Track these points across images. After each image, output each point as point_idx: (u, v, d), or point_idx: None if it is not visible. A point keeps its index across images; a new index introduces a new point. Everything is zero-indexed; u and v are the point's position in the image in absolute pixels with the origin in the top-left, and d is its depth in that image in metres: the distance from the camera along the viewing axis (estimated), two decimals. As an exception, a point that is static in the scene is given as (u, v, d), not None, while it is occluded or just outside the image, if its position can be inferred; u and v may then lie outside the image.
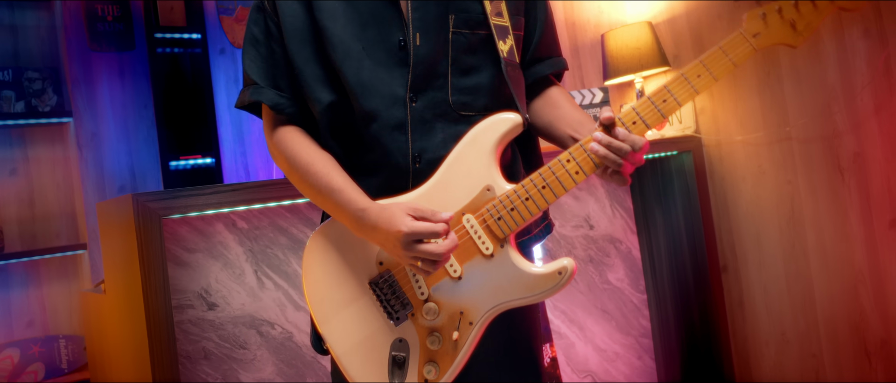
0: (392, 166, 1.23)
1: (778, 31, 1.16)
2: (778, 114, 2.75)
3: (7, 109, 3.07)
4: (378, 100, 1.21)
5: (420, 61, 1.21)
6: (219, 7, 3.54)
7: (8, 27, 3.16)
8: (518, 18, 1.28)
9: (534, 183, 1.18)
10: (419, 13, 1.21)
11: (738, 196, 2.92)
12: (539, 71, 1.34)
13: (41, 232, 3.14)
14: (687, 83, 1.16)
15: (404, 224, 1.12)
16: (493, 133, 1.19)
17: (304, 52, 1.25)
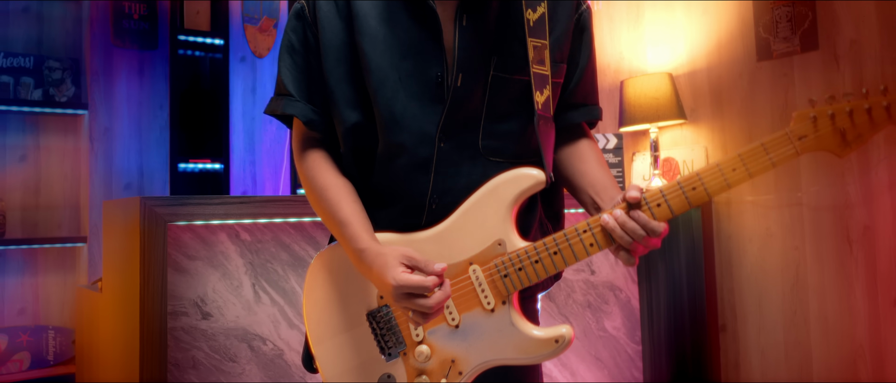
0: (408, 201, 1.20)
1: (827, 138, 1.09)
2: (791, 178, 2.74)
3: (24, 96, 3.08)
4: (407, 135, 1.17)
5: (457, 101, 1.17)
6: (244, 15, 3.57)
7: (35, 15, 3.18)
8: (560, 66, 1.23)
9: (546, 246, 1.14)
10: (465, 53, 1.16)
11: (743, 256, 2.90)
12: (572, 118, 1.28)
13: (43, 221, 3.13)
14: (721, 175, 1.10)
15: (394, 276, 1.08)
16: (515, 187, 1.16)
17: (338, 71, 1.21)
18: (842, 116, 1.08)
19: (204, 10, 3.55)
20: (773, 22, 2.78)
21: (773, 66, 2.80)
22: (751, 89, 2.87)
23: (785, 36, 2.75)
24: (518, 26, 1.18)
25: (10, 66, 3.09)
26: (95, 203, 3.11)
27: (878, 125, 1.08)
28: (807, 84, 2.69)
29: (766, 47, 2.81)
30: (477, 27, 1.17)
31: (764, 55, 2.82)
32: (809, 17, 2.67)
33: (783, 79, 2.76)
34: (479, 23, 1.17)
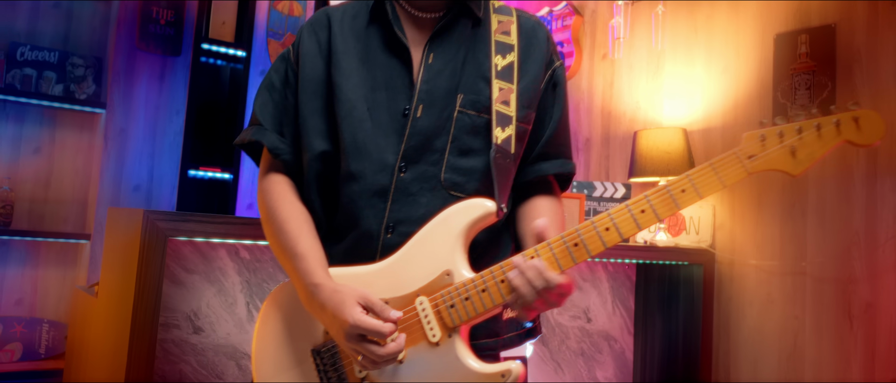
0: (362, 231, 1.20)
1: (776, 157, 1.08)
2: (797, 246, 2.72)
3: (45, 90, 3.12)
4: (366, 163, 1.20)
5: (416, 132, 1.20)
6: (269, 30, 3.61)
7: (64, 11, 3.23)
8: (528, 112, 1.25)
9: (493, 274, 1.12)
10: (428, 86, 1.21)
11: (742, 319, 2.87)
12: (544, 169, 1.29)
13: (50, 215, 3.16)
14: (669, 196, 1.08)
15: (351, 315, 1.07)
16: (465, 218, 1.15)
17: (312, 104, 1.25)
18: (790, 133, 1.08)
19: (230, 21, 3.59)
20: (791, 88, 2.78)
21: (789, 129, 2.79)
22: (763, 153, 2.86)
23: (802, 103, 2.74)
24: (485, 69, 1.23)
25: (34, 58, 3.14)
26: (103, 202, 3.13)
27: (827, 141, 1.06)
28: (820, 154, 2.68)
29: (782, 112, 2.81)
30: (444, 66, 1.22)
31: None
32: (828, 87, 2.67)
33: (797, 146, 2.75)
34: (446, 62, 1.23)
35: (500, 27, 1.27)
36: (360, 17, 1.29)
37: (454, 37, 1.25)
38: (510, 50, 1.25)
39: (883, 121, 1.05)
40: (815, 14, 2.75)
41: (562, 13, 3.89)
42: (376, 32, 1.27)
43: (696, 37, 3.17)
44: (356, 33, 1.27)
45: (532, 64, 1.27)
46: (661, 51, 3.26)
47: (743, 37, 2.98)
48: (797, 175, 1.08)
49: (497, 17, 1.29)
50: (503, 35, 1.27)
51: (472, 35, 1.26)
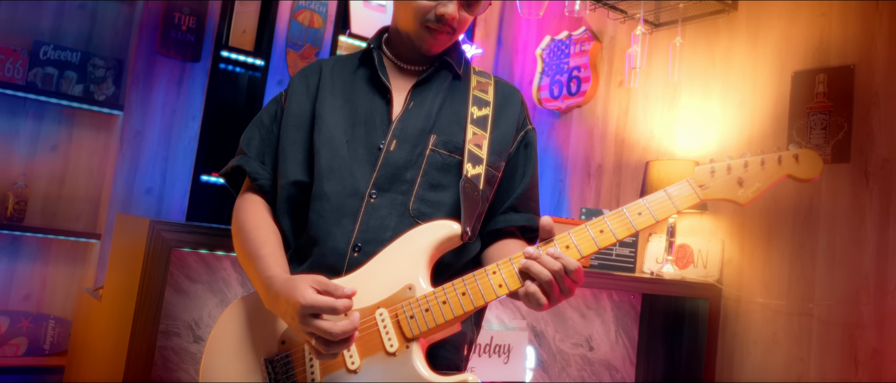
0: (329, 250, 1.23)
1: (723, 187, 1.17)
2: (805, 287, 2.69)
3: (65, 89, 3.17)
4: (338, 186, 1.26)
5: (388, 163, 1.27)
6: (288, 41, 3.65)
7: (89, 12, 3.28)
8: (499, 160, 1.32)
9: (455, 287, 1.16)
10: (403, 124, 1.30)
11: (746, 357, 2.84)
12: (514, 220, 1.36)
13: (62, 213, 3.19)
14: (627, 218, 1.15)
15: (303, 294, 1.07)
16: (429, 236, 1.19)
17: (293, 136, 1.33)
18: (737, 167, 1.18)
19: (250, 30, 3.63)
20: (807, 126, 2.77)
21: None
22: (775, 191, 2.84)
23: (817, 143, 2.72)
24: (461, 116, 1.33)
25: (57, 58, 3.18)
26: (115, 203, 3.16)
27: (770, 174, 1.16)
28: (833, 195, 2.66)
29: (796, 151, 2.79)
30: (421, 110, 1.32)
31: (793, 159, 2.79)
32: (845, 128, 2.65)
33: (810, 186, 2.73)
34: (424, 106, 1.32)
35: (478, 85, 1.38)
36: (349, 66, 1.40)
37: (434, 86, 1.35)
38: (486, 104, 1.35)
39: (821, 160, 1.17)
40: (835, 54, 2.73)
41: (580, 38, 3.89)
42: (362, 75, 1.37)
43: (714, 70, 3.16)
44: (344, 76, 1.38)
45: (505, 120, 1.36)
46: (678, 82, 3.25)
47: (761, 73, 2.97)
48: (744, 205, 1.17)
49: (476, 77, 1.40)
50: (481, 92, 1.37)
51: (452, 86, 1.37)
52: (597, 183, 3.67)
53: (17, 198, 3.01)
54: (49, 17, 3.20)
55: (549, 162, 4.05)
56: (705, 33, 3.21)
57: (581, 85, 3.84)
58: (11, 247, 3.07)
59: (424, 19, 1.29)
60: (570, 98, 3.89)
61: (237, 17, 3.59)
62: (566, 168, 3.90)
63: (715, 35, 3.18)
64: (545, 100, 4.08)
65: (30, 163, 3.13)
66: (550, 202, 3.99)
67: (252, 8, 3.64)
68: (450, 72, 1.38)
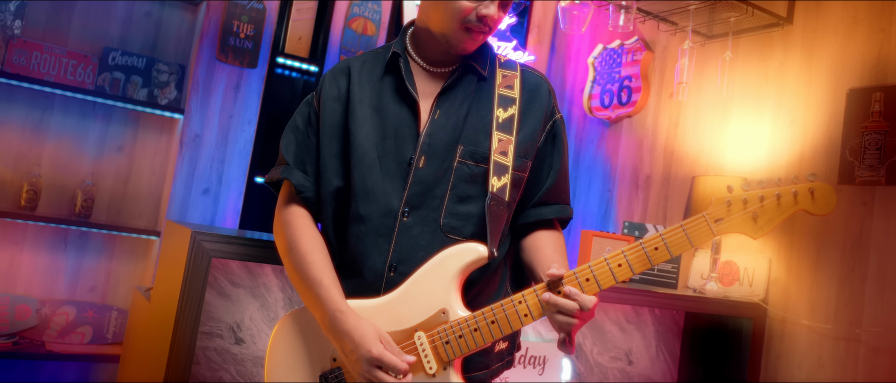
0: (368, 269, 1.31)
1: (739, 222, 1.18)
2: (852, 311, 2.61)
3: (132, 93, 3.34)
4: (373, 207, 1.31)
5: (418, 181, 1.31)
6: (342, 48, 3.74)
7: (155, 20, 3.45)
8: (525, 161, 1.35)
9: (484, 316, 1.23)
10: (430, 139, 1.32)
11: (790, 380, 2.78)
12: (545, 213, 1.40)
13: (126, 210, 3.38)
14: (643, 253, 1.19)
15: (376, 347, 1.19)
16: (459, 261, 1.26)
17: (331, 147, 1.38)
18: (753, 201, 1.18)
19: (306, 37, 3.75)
20: (860, 147, 2.68)
21: (853, 192, 2.69)
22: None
23: (871, 164, 2.64)
24: (487, 121, 1.34)
25: (124, 63, 3.36)
26: (175, 202, 3.32)
27: (785, 209, 1.18)
28: (886, 217, 2.57)
29: (849, 171, 2.71)
30: (447, 120, 1.34)
31: (846, 179, 2.71)
32: (899, 149, 2.56)
33: (862, 207, 2.65)
34: (450, 116, 1.34)
35: (504, 81, 1.39)
36: (376, 68, 1.41)
37: (460, 92, 1.37)
38: (512, 103, 1.36)
39: (835, 195, 1.18)
40: (892, 72, 2.64)
41: (632, 47, 3.86)
42: (390, 83, 1.38)
43: (766, 85, 3.09)
44: (372, 83, 1.39)
45: (532, 117, 1.38)
46: (729, 96, 3.19)
47: (814, 89, 2.89)
48: (756, 238, 1.19)
49: (502, 72, 1.40)
50: (506, 88, 1.38)
51: (477, 89, 1.38)
52: (645, 194, 3.63)
53: (85, 196, 3.20)
54: (117, 25, 3.38)
55: (599, 172, 4.02)
56: (759, 47, 3.14)
57: (632, 95, 3.80)
58: (79, 241, 3.27)
59: (464, 21, 1.29)
60: (620, 107, 3.86)
61: (293, 25, 3.70)
62: (614, 178, 3.87)
63: (769, 49, 3.10)
64: (595, 109, 4.05)
65: (97, 163, 3.32)
66: (598, 212, 3.97)
67: (307, 15, 3.75)
68: (475, 74, 1.39)
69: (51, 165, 3.23)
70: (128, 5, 3.40)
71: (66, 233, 3.24)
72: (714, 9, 2.98)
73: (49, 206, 3.22)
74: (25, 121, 3.19)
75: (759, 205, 1.18)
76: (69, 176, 3.26)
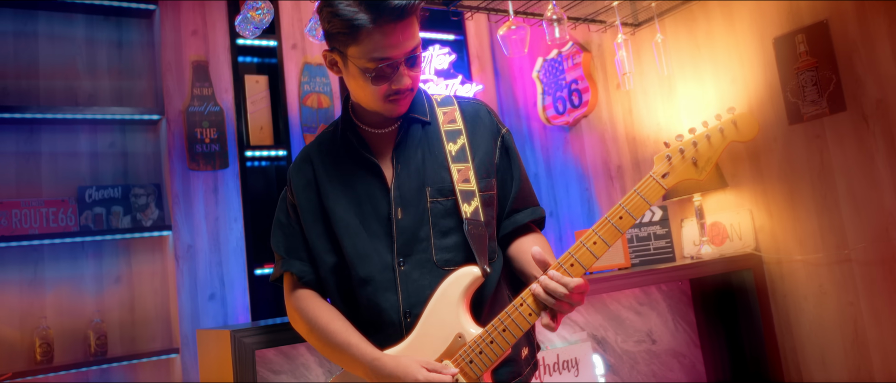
0: (387, 323, 1.42)
1: (683, 170, 1.31)
2: (837, 236, 2.80)
3: (116, 224, 3.42)
4: (371, 267, 1.42)
5: (402, 231, 1.42)
6: (303, 125, 3.88)
7: (119, 150, 3.55)
8: (489, 180, 1.47)
9: (495, 327, 1.34)
10: (399, 191, 1.44)
11: (800, 315, 2.94)
12: (519, 220, 1.52)
13: (140, 336, 3.43)
14: (611, 225, 1.31)
15: (421, 373, 1.30)
16: (458, 286, 1.37)
17: (315, 229, 1.50)
18: (689, 148, 1.32)
19: (266, 126, 3.88)
20: (799, 86, 2.90)
21: (805, 129, 2.90)
22: (786, 152, 2.97)
23: (813, 99, 2.85)
24: (442, 158, 1.46)
25: (102, 197, 3.45)
26: (185, 315, 3.39)
27: (717, 146, 1.31)
28: (840, 143, 2.78)
29: (796, 111, 2.92)
30: (409, 169, 1.46)
31: (795, 118, 2.93)
32: (834, 80, 2.78)
33: (816, 140, 2.86)
34: (411, 165, 1.46)
35: (445, 118, 1.52)
36: (333, 147, 1.53)
37: (411, 142, 1.49)
38: (459, 134, 1.49)
39: (755, 119, 1.31)
40: (806, 13, 2.87)
41: (570, 53, 4.08)
42: (349, 156, 1.51)
43: (700, 54, 3.31)
44: (333, 161, 1.52)
45: (481, 140, 1.50)
46: (671, 74, 3.41)
47: (743, 46, 3.12)
48: (702, 179, 1.32)
49: (441, 110, 1.53)
50: (450, 124, 1.51)
51: (424, 134, 1.50)
52: (620, 183, 3.81)
53: (97, 334, 3.25)
54: (86, 162, 3.47)
55: (572, 173, 4.20)
56: (684, 22, 3.37)
57: (582, 96, 4.01)
58: (102, 379, 3.30)
59: (384, 97, 1.41)
60: (574, 110, 4.06)
61: (252, 117, 3.84)
62: (589, 176, 4.05)
63: (693, 21, 3.34)
64: (552, 117, 4.25)
65: (100, 298, 3.37)
66: (581, 211, 4.14)
67: (262, 106, 3.89)
68: (418, 122, 1.50)
69: (56, 314, 3.28)
70: (90, 142, 3.49)
71: (87, 376, 3.28)
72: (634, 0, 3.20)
73: (64, 355, 3.26)
74: (21, 278, 3.24)
75: (694, 149, 1.31)
76: (77, 319, 3.31)
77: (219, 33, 3.74)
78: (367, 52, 1.36)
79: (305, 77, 3.94)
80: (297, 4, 3.94)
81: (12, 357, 3.16)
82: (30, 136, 3.37)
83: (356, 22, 1.33)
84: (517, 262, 1.50)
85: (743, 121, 1.30)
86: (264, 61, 4.00)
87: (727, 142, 1.30)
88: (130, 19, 3.67)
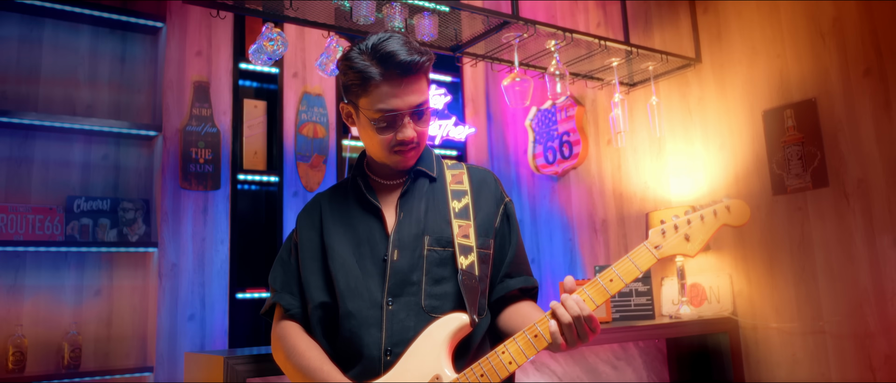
0: (367, 357, 1.45)
1: (675, 245, 1.40)
2: (812, 307, 2.89)
3: (101, 236, 3.41)
4: (359, 302, 1.47)
5: (395, 272, 1.47)
6: (297, 154, 3.92)
7: (112, 162, 3.55)
8: (487, 239, 1.54)
9: (473, 371, 1.37)
10: (399, 235, 1.50)
11: (773, 381, 3.01)
12: (511, 285, 1.57)
13: (114, 351, 3.40)
14: (601, 287, 1.37)
15: None
16: (445, 330, 1.41)
17: (311, 265, 1.56)
18: (683, 225, 1.41)
19: (261, 151, 3.91)
20: (785, 159, 3.01)
21: (788, 200, 3.00)
22: (769, 221, 3.06)
23: (797, 172, 2.96)
24: (445, 213, 1.54)
25: (90, 208, 3.44)
26: (162, 334, 3.37)
27: (710, 227, 1.41)
28: (821, 217, 2.88)
29: (780, 182, 3.03)
30: (411, 217, 1.53)
31: (779, 189, 3.03)
32: (818, 156, 2.90)
33: (798, 212, 2.96)
34: (412, 213, 1.53)
35: (453, 179, 1.60)
36: (340, 193, 1.63)
37: (416, 193, 1.56)
38: (464, 194, 1.56)
39: (748, 207, 1.42)
40: (796, 90, 3.00)
41: (564, 105, 4.18)
42: (355, 200, 1.59)
43: (692, 119, 3.43)
44: (340, 205, 1.60)
45: (484, 202, 1.57)
46: (661, 135, 3.51)
47: (733, 115, 3.23)
48: (693, 256, 1.41)
49: (450, 172, 1.61)
50: (457, 184, 1.59)
51: (430, 189, 1.58)
52: (604, 237, 3.89)
53: (72, 347, 3.21)
54: (77, 174, 3.47)
55: (557, 223, 4.27)
56: (678, 86, 3.49)
57: (573, 148, 4.10)
58: (71, 392, 3.26)
59: (390, 148, 1.50)
60: (564, 161, 4.15)
61: (247, 141, 3.87)
62: (573, 227, 4.12)
63: (686, 87, 3.45)
64: (542, 166, 4.33)
65: (78, 311, 3.34)
66: (563, 261, 4.20)
67: (259, 130, 3.93)
68: (426, 178, 1.59)
69: (32, 323, 3.25)
70: (84, 152, 3.50)
71: (57, 388, 3.23)
72: (633, 61, 3.31)
73: (36, 365, 3.22)
74: (0, 284, 3.21)
75: (688, 227, 1.40)
76: (52, 330, 3.28)
77: (222, 55, 3.78)
78: (375, 102, 1.46)
79: (303, 106, 3.99)
80: (301, 33, 4.01)
81: (-16, 363, 3.11)
82: (24, 142, 3.36)
83: (367, 74, 1.45)
84: (507, 326, 1.53)
85: (736, 207, 1.40)
86: (264, 86, 4.04)
87: (719, 224, 1.40)
88: (136, 34, 3.70)
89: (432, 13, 2.76)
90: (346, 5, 2.63)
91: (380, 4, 2.69)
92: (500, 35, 2.91)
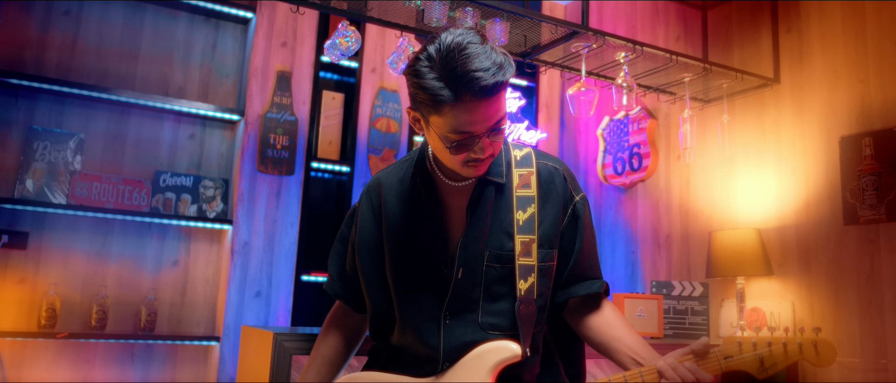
0: (419, 365, 1.47)
1: (747, 361, 1.29)
2: (876, 343, 2.78)
3: (183, 210, 3.64)
4: (417, 315, 1.46)
5: (457, 290, 1.44)
6: (370, 147, 4.05)
7: (198, 141, 3.79)
8: (550, 251, 1.46)
9: None
10: (465, 251, 1.44)
11: (828, 416, 2.92)
12: (575, 291, 1.51)
13: (186, 319, 3.62)
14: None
15: None
16: (495, 356, 1.40)
17: (369, 261, 1.53)
18: (762, 345, 1.29)
19: (335, 141, 4.07)
20: (859, 189, 2.90)
21: (859, 231, 2.90)
22: (837, 251, 2.96)
23: (871, 203, 2.85)
24: (508, 225, 1.46)
25: (174, 184, 3.68)
26: (230, 307, 3.57)
27: (790, 357, 1.28)
28: (892, 251, 2.77)
29: (852, 212, 2.92)
30: (478, 231, 1.45)
31: (850, 219, 2.93)
32: (895, 188, 2.78)
33: (869, 244, 2.85)
34: (479, 226, 1.45)
35: (520, 181, 1.49)
36: (403, 184, 1.53)
37: (483, 202, 1.47)
38: (530, 202, 1.47)
39: (836, 351, 1.29)
40: (877, 118, 2.89)
41: (637, 117, 4.14)
42: (419, 204, 1.50)
43: (765, 141, 3.34)
44: (401, 200, 1.52)
45: (551, 209, 1.48)
46: (733, 154, 3.44)
47: (809, 140, 3.14)
48: (760, 379, 1.29)
49: (518, 172, 1.50)
50: (524, 188, 1.49)
51: (496, 195, 1.48)
52: (667, 253, 3.84)
53: (148, 311, 3.45)
54: (166, 149, 3.71)
55: (620, 235, 4.25)
56: (753, 106, 3.41)
57: (642, 161, 4.06)
58: (146, 353, 3.50)
59: (463, 163, 1.39)
60: (633, 173, 4.12)
61: (323, 131, 4.03)
62: (636, 240, 4.09)
63: (762, 107, 3.37)
64: (610, 176, 4.31)
65: (156, 278, 3.59)
66: (624, 274, 4.17)
67: (335, 121, 4.08)
68: (493, 184, 1.48)
69: (115, 286, 3.50)
70: (173, 130, 3.74)
71: (133, 348, 3.48)
72: (707, 77, 3.26)
73: (116, 324, 3.47)
74: (90, 247, 3.48)
75: (767, 349, 1.29)
76: (132, 294, 3.53)
77: (306, 48, 3.96)
78: (449, 125, 1.32)
79: (379, 101, 4.12)
80: (382, 32, 4.14)
81: (71, 318, 3.39)
82: (121, 117, 3.63)
83: (440, 98, 1.29)
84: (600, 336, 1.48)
85: (824, 348, 1.28)
86: (343, 79, 4.20)
87: (800, 358, 1.29)
88: (227, 23, 3.93)
89: (503, 18, 2.81)
90: (418, 4, 2.71)
91: (454, 5, 2.75)
92: (569, 44, 2.93)
